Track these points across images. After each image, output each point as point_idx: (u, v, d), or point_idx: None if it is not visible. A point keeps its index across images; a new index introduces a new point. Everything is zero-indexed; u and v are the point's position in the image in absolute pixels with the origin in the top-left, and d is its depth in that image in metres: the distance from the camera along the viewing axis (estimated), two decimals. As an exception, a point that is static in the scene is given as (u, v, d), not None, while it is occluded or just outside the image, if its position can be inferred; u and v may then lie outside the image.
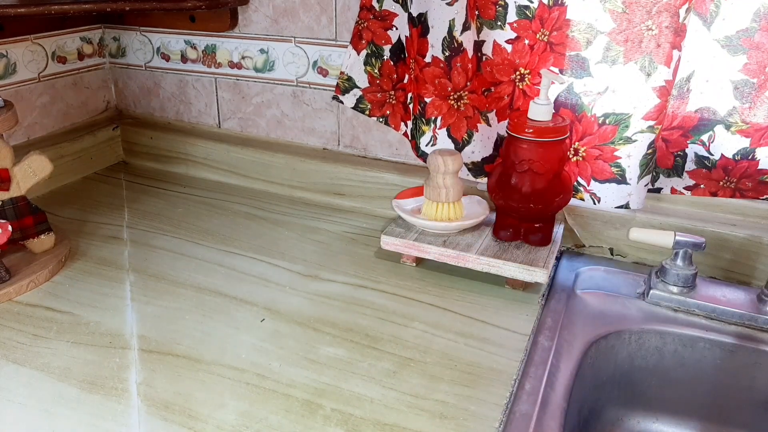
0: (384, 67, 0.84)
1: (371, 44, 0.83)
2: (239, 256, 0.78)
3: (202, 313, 0.66)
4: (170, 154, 1.03)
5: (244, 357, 0.60)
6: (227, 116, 1.01)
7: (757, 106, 0.68)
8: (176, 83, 1.03)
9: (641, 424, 0.71)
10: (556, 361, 0.60)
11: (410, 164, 0.90)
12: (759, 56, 0.66)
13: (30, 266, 0.72)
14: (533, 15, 0.73)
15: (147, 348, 0.61)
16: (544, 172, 0.70)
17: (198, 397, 0.55)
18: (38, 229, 0.74)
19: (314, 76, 0.91)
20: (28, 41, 0.92)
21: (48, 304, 0.68)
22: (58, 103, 0.99)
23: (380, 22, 0.81)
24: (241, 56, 0.96)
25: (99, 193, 0.96)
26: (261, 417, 0.53)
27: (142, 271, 0.74)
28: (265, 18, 0.91)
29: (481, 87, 0.78)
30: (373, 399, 0.55)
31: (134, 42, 1.03)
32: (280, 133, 0.98)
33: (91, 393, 0.55)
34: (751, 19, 0.65)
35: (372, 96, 0.86)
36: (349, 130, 0.93)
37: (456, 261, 0.73)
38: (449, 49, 0.74)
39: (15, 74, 0.92)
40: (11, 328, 0.63)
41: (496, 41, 0.75)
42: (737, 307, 0.67)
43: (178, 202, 0.93)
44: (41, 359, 0.59)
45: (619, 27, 0.69)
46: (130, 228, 0.85)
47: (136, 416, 0.52)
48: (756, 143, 0.70)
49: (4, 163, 0.70)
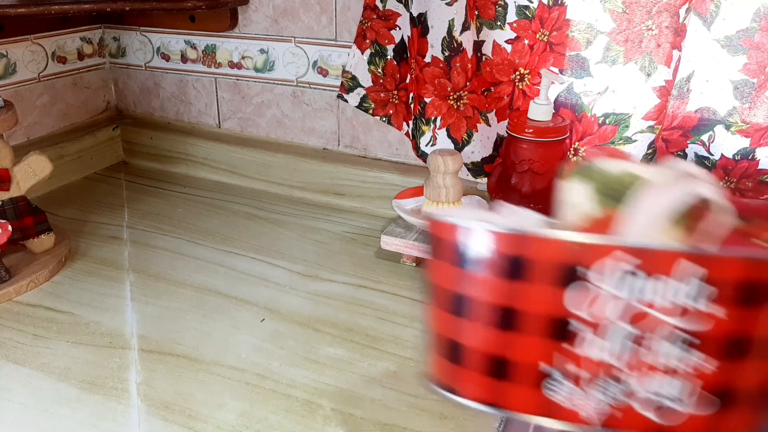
0: (387, 67, 0.84)
1: (375, 44, 0.83)
2: (239, 256, 0.78)
3: (202, 313, 0.66)
4: (170, 154, 1.03)
5: (244, 357, 0.60)
6: (227, 116, 1.02)
7: (757, 106, 0.68)
8: (176, 83, 1.03)
9: (641, 424, 0.71)
10: (556, 361, 0.60)
11: (410, 164, 0.90)
12: (759, 56, 0.66)
13: (30, 266, 0.72)
14: (533, 15, 0.73)
15: (147, 348, 0.61)
16: (544, 172, 0.70)
17: (198, 397, 0.55)
18: (38, 229, 0.74)
19: (314, 76, 0.91)
20: (28, 41, 0.92)
21: (48, 304, 0.68)
22: (58, 103, 1.00)
23: (384, 21, 0.81)
24: (241, 56, 0.96)
25: (99, 193, 0.96)
26: (261, 417, 0.53)
27: (142, 271, 0.74)
28: (265, 18, 0.92)
29: (481, 87, 0.78)
30: (373, 399, 0.55)
31: (134, 42, 1.03)
32: (280, 133, 0.98)
33: (91, 393, 0.55)
34: (751, 19, 0.65)
35: (375, 95, 0.86)
36: (349, 130, 0.93)
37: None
38: (449, 49, 0.74)
39: (15, 74, 0.92)
40: (11, 328, 0.63)
41: (496, 41, 0.75)
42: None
43: (178, 202, 0.93)
44: (41, 359, 0.59)
45: (619, 27, 0.69)
46: (130, 228, 0.85)
47: (136, 416, 0.52)
48: (756, 143, 0.70)
49: (4, 163, 0.70)
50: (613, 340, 0.31)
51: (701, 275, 0.29)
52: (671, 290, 0.29)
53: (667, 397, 0.31)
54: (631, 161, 0.32)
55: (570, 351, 0.31)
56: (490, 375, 0.33)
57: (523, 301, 0.31)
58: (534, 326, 0.31)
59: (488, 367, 0.33)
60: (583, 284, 0.30)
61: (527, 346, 0.32)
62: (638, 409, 0.31)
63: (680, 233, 0.32)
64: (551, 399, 0.32)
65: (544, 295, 0.31)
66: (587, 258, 0.30)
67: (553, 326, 0.31)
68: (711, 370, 0.30)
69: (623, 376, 0.31)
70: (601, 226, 0.32)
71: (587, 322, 0.31)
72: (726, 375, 0.31)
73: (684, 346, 0.30)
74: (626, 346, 0.31)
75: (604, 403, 0.32)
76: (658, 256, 0.29)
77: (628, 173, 0.32)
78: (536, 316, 0.31)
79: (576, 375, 0.32)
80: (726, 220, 0.32)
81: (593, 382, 0.31)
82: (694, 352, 0.30)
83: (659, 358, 0.30)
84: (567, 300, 0.31)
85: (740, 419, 0.31)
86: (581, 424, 0.32)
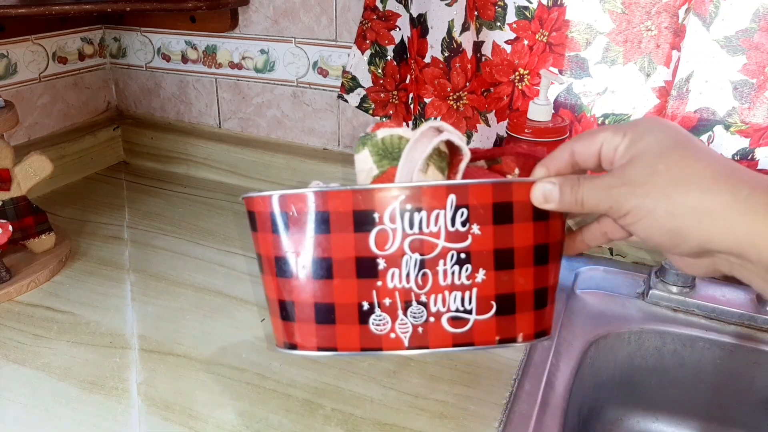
0: (387, 67, 0.84)
1: (375, 44, 0.83)
2: (239, 256, 0.78)
3: (202, 313, 0.67)
4: (171, 154, 1.03)
5: (244, 357, 0.60)
6: (227, 116, 1.02)
7: (756, 107, 0.68)
8: (177, 83, 1.03)
9: (641, 423, 0.71)
10: (555, 360, 0.60)
11: (410, 164, 0.90)
12: (758, 57, 0.66)
13: (30, 266, 0.72)
14: (532, 15, 0.73)
15: (147, 348, 0.61)
16: (543, 173, 0.70)
17: (198, 397, 0.55)
18: (39, 229, 0.74)
19: (314, 76, 0.92)
20: (28, 41, 0.93)
21: (48, 304, 0.68)
22: (58, 103, 1.00)
23: (384, 22, 0.81)
24: (241, 57, 0.96)
25: (99, 193, 0.96)
26: (261, 417, 0.53)
27: (142, 271, 0.74)
28: (266, 18, 0.92)
29: (481, 87, 0.78)
30: (373, 399, 0.55)
31: (135, 42, 1.03)
32: (281, 133, 0.98)
33: (91, 393, 0.55)
34: (750, 20, 0.65)
35: (375, 96, 0.86)
36: (349, 131, 0.93)
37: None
38: (448, 50, 0.74)
39: (16, 74, 0.92)
40: (11, 328, 0.64)
41: (496, 42, 0.75)
42: (737, 306, 0.67)
43: (179, 202, 0.93)
44: (41, 359, 0.59)
45: (619, 27, 0.69)
46: (131, 228, 0.85)
47: (136, 416, 0.52)
48: (755, 143, 0.70)
49: (5, 163, 0.70)
50: (407, 268, 0.36)
51: (461, 202, 0.35)
52: (442, 218, 0.35)
53: (458, 309, 0.37)
54: (401, 127, 0.38)
55: (380, 286, 0.37)
56: (320, 323, 0.38)
57: (333, 250, 0.36)
58: (346, 270, 0.37)
59: (317, 315, 0.38)
60: (378, 226, 0.36)
61: (345, 289, 0.37)
62: (440, 325, 0.37)
63: (441, 173, 0.38)
64: (375, 333, 0.37)
65: (348, 241, 0.36)
66: (376, 204, 0.35)
67: (362, 267, 0.36)
68: (486, 280, 0.36)
69: (423, 298, 0.37)
70: (384, 180, 0.38)
71: (387, 257, 0.36)
72: (501, 283, 0.37)
73: (460, 263, 0.36)
74: (418, 272, 0.36)
75: (413, 326, 0.37)
76: (428, 193, 0.35)
77: (397, 135, 0.38)
78: (346, 261, 0.36)
79: (389, 306, 0.37)
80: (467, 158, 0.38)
81: (403, 310, 0.37)
82: (469, 267, 0.36)
83: (446, 277, 0.36)
84: (368, 242, 0.36)
85: (523, 319, 0.38)
86: (401, 350, 0.37)
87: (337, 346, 0.38)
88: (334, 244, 0.37)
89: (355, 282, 0.37)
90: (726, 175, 0.28)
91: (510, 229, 0.36)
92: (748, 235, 0.27)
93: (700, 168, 0.28)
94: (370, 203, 0.36)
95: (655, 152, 0.30)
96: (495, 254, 0.36)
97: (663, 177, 0.29)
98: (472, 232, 0.36)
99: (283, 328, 0.40)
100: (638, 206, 0.30)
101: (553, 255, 0.39)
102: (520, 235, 0.37)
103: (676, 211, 0.28)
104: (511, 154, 0.41)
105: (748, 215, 0.26)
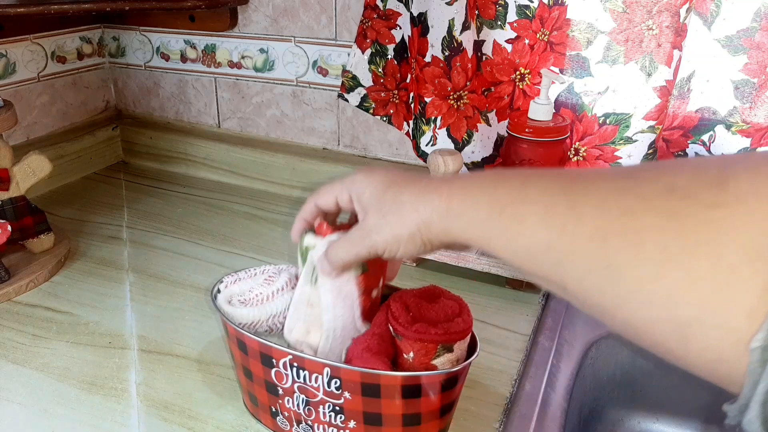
0: (388, 67, 0.84)
1: (375, 43, 0.83)
2: (239, 256, 0.78)
3: (202, 313, 0.66)
4: (170, 153, 1.03)
5: (244, 357, 0.60)
6: (227, 116, 1.01)
7: (757, 106, 0.68)
8: (176, 83, 1.03)
9: (641, 424, 0.71)
10: (556, 361, 0.60)
11: (410, 164, 0.90)
12: (759, 56, 0.66)
13: (29, 266, 0.72)
14: (533, 15, 0.73)
15: (147, 348, 0.61)
16: (544, 172, 0.70)
17: (197, 398, 0.55)
18: (38, 229, 0.74)
19: (314, 75, 0.91)
20: (27, 41, 0.92)
21: (47, 304, 0.68)
22: (57, 102, 0.99)
23: (384, 21, 0.81)
24: (240, 56, 0.96)
25: (98, 193, 0.96)
26: (261, 417, 0.52)
27: (141, 271, 0.74)
28: (265, 18, 0.91)
29: (481, 87, 0.78)
30: (374, 399, 0.55)
31: (134, 42, 1.03)
32: (280, 132, 0.98)
33: (90, 393, 0.55)
34: (751, 19, 0.65)
35: (376, 95, 0.86)
36: (349, 130, 0.93)
37: (456, 261, 0.72)
38: (449, 49, 0.74)
39: (14, 74, 0.91)
40: (11, 328, 0.63)
41: (496, 41, 0.75)
42: (738, 307, 0.66)
43: (178, 202, 0.93)
44: (41, 359, 0.59)
45: (620, 27, 0.69)
46: (130, 228, 0.85)
47: (135, 416, 0.52)
48: (757, 143, 0.70)
49: (4, 163, 0.69)
50: (297, 401, 0.47)
51: (335, 375, 0.44)
52: (321, 380, 0.44)
53: None
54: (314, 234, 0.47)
55: (281, 403, 0.48)
56: (256, 405, 0.51)
57: (252, 367, 0.48)
58: (260, 383, 0.48)
59: (255, 399, 0.50)
60: (275, 368, 0.46)
61: (262, 394, 0.49)
62: None
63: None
64: (282, 427, 0.49)
65: (259, 367, 0.47)
66: (274, 355, 0.46)
67: (269, 386, 0.48)
68: (357, 428, 0.45)
69: (309, 422, 0.47)
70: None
71: (283, 389, 0.47)
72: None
73: (335, 412, 0.45)
74: (305, 406, 0.46)
75: None
76: (309, 362, 0.44)
77: (305, 245, 0.46)
78: (259, 378, 0.48)
79: (288, 417, 0.48)
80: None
81: (297, 423, 0.48)
82: (343, 416, 0.45)
83: (325, 416, 0.46)
84: (271, 374, 0.47)
85: None
86: None
87: (265, 424, 0.51)
88: (253, 365, 0.47)
89: (265, 392, 0.48)
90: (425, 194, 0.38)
91: (378, 401, 0.44)
92: (454, 229, 0.37)
93: (406, 196, 0.39)
94: (269, 353, 0.46)
95: (376, 201, 0.41)
96: (364, 414, 0.45)
97: (389, 215, 0.39)
98: (345, 396, 0.44)
99: (249, 401, 0.52)
100: (387, 241, 0.40)
101: (426, 418, 0.45)
102: (388, 406, 0.44)
103: (407, 230, 0.38)
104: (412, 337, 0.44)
105: (448, 217, 0.37)
